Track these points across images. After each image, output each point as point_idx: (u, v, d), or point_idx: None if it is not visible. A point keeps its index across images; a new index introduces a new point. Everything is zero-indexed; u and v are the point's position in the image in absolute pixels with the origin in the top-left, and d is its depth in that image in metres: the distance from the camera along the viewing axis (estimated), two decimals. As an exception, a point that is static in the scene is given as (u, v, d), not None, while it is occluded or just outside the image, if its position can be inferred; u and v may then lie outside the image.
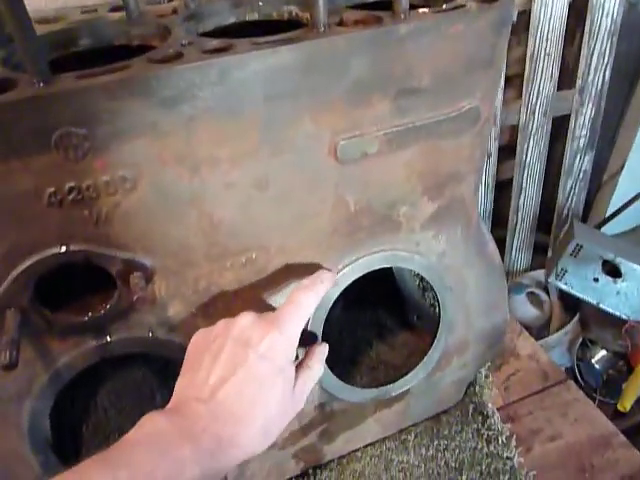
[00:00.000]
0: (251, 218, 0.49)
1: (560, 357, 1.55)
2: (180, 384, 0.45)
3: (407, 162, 0.53)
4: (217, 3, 0.54)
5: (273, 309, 0.47)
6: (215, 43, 0.42)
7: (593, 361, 1.49)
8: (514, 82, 1.41)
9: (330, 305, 0.59)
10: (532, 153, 1.48)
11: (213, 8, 0.53)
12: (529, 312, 1.65)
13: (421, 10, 0.47)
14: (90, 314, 0.48)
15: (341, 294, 0.62)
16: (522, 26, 1.31)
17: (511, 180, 1.52)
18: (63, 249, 0.43)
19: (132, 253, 0.46)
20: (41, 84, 0.37)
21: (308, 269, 0.55)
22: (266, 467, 0.68)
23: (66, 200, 0.41)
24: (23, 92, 0.36)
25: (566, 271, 1.47)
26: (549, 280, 1.56)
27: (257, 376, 0.42)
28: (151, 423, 0.40)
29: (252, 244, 0.51)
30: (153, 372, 0.81)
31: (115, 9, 0.54)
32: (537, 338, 1.55)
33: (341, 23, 0.46)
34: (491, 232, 1.67)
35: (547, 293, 1.66)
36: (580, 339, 1.53)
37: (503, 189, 1.58)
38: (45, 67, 0.37)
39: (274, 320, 0.45)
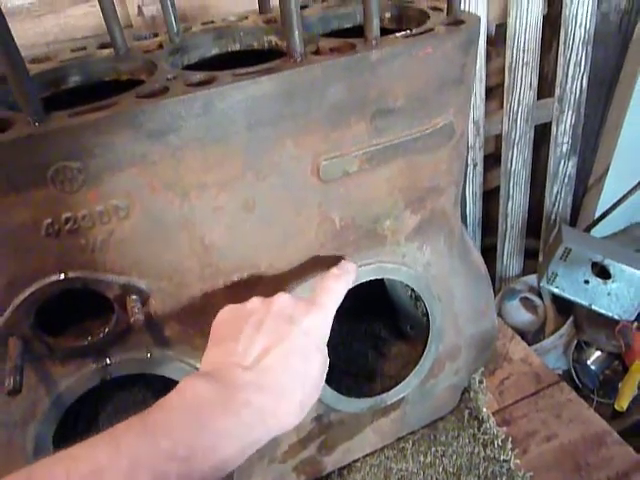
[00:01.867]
0: (240, 239, 0.51)
1: (556, 360, 1.56)
2: (215, 353, 0.44)
3: (388, 178, 0.55)
4: (200, 36, 0.57)
5: None
6: (199, 76, 0.44)
7: (589, 362, 1.50)
8: (495, 92, 1.45)
9: (322, 319, 0.61)
10: (517, 161, 1.51)
11: (196, 41, 0.56)
12: (524, 317, 1.67)
13: (392, 36, 0.50)
14: (90, 338, 0.50)
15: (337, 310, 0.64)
16: (500, 38, 1.35)
17: (498, 188, 1.56)
18: (62, 277, 0.45)
19: (128, 277, 0.48)
20: (36, 123, 0.39)
21: (296, 286, 0.58)
22: (267, 481, 0.69)
23: (63, 230, 0.43)
24: (19, 131, 0.39)
25: (557, 275, 1.50)
26: (541, 284, 1.58)
27: (301, 349, 0.42)
28: (192, 389, 0.38)
29: (243, 264, 0.53)
30: (153, 394, 0.82)
31: (103, 46, 0.56)
32: (533, 342, 1.57)
33: (317, 51, 0.49)
34: (482, 240, 1.70)
35: (540, 297, 1.68)
36: (575, 341, 1.54)
37: (491, 197, 1.61)
38: (39, 107, 0.39)
39: (313, 302, 0.47)
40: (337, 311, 0.65)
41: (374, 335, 0.90)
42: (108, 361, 0.53)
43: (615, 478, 0.74)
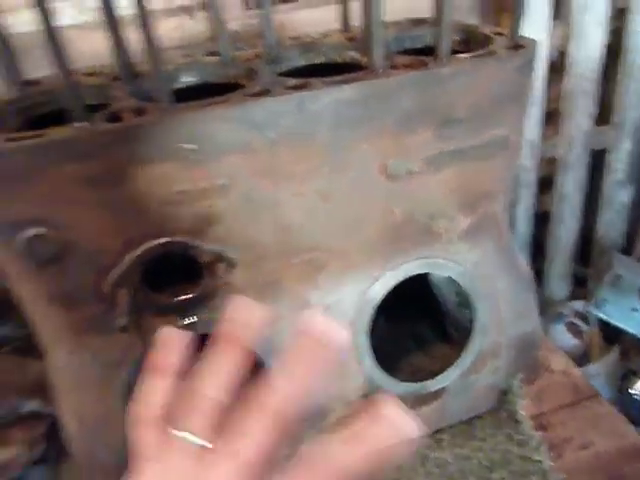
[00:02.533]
0: (315, 223, 0.60)
1: (600, 388, 1.55)
2: None
3: (446, 181, 0.62)
4: (291, 49, 0.67)
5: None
6: (294, 82, 0.53)
7: (634, 392, 1.49)
8: (554, 117, 1.49)
9: (376, 304, 0.68)
10: (570, 185, 1.54)
11: (288, 54, 0.65)
12: (569, 342, 1.67)
13: (459, 55, 0.57)
14: (181, 297, 0.59)
15: (383, 309, 0.71)
16: (561, 65, 1.40)
17: (550, 212, 1.58)
18: (167, 240, 0.54)
19: (219, 247, 0.57)
20: (165, 111, 0.49)
21: (359, 271, 0.65)
22: (314, 451, 0.76)
23: (175, 200, 0.52)
24: (153, 117, 0.49)
25: (605, 301, 1.50)
26: (588, 310, 1.58)
27: None
28: None
29: (314, 245, 0.61)
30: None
31: (211, 54, 0.67)
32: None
33: (393, 66, 0.57)
34: (530, 262, 1.71)
35: (587, 323, 1.68)
36: (621, 370, 1.53)
37: (543, 221, 1.64)
38: (170, 98, 0.49)
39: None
40: (383, 311, 0.72)
41: (419, 335, 0.96)
42: (193, 319, 0.61)
43: (648, 489, 0.76)
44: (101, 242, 0.53)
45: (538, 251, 1.70)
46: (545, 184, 1.59)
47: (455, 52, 0.59)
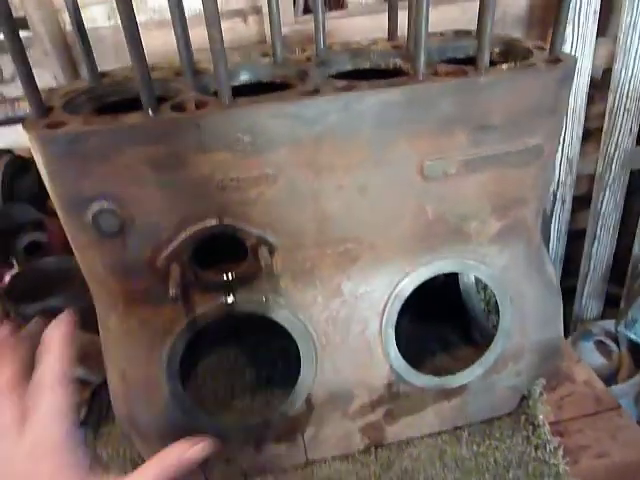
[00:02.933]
0: (352, 216, 0.64)
1: (628, 407, 1.54)
2: None
3: (479, 184, 0.66)
4: (340, 54, 0.71)
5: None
6: (343, 83, 0.58)
7: (661, 415, 1.47)
8: (595, 135, 1.49)
9: (405, 298, 0.72)
10: (608, 203, 1.53)
11: (337, 58, 0.70)
12: (597, 360, 1.66)
13: (498, 66, 0.61)
14: (226, 276, 0.65)
15: (409, 310, 0.74)
16: (605, 83, 1.41)
17: (585, 230, 1.58)
18: (218, 222, 0.60)
19: (263, 231, 0.62)
20: (227, 104, 0.54)
21: (390, 265, 0.69)
22: (337, 435, 0.80)
23: (228, 186, 0.58)
24: (214, 109, 0.54)
25: (636, 321, 1.49)
26: (618, 329, 1.57)
27: None
28: None
29: (349, 237, 0.66)
30: (244, 352, 0.97)
31: (265, 54, 0.72)
32: (603, 387, 1.56)
33: (435, 73, 0.61)
34: (562, 280, 1.71)
35: (617, 343, 1.67)
36: (648, 392, 1.52)
37: (578, 239, 1.64)
38: (230, 93, 0.55)
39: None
40: (409, 311, 0.74)
41: (444, 338, 0.98)
42: (234, 298, 0.66)
43: (663, 503, 0.77)
44: (159, 220, 0.59)
45: (571, 268, 1.69)
46: (581, 202, 1.59)
47: (495, 63, 0.62)
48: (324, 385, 0.73)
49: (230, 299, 0.66)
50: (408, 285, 0.71)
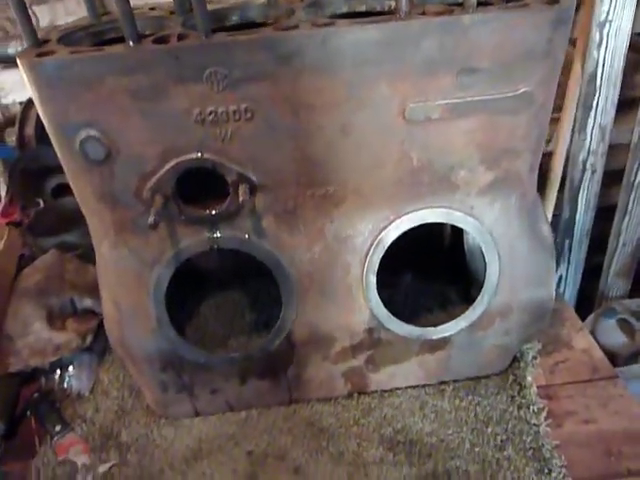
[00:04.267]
0: (333, 157, 0.64)
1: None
2: None
3: (466, 131, 0.64)
4: (336, -4, 0.71)
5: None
6: (323, 20, 0.58)
7: (679, 399, 1.41)
8: (635, 104, 1.40)
9: (387, 245, 0.72)
10: (642, 175, 1.45)
11: (332, 0, 0.70)
12: (618, 339, 1.60)
13: (488, 7, 0.59)
14: (208, 211, 0.67)
15: (411, 266, 0.73)
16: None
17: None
18: (199, 155, 0.62)
19: (243, 168, 0.63)
20: (204, 37, 0.56)
21: (374, 211, 0.69)
22: (320, 377, 0.82)
23: (206, 119, 0.59)
24: (193, 40, 0.56)
25: (663, 300, 1.43)
26: (644, 309, 1.51)
27: None
28: None
29: (331, 179, 0.66)
30: (246, 296, 1.00)
31: (261, -3, 0.72)
32: (622, 366, 1.51)
33: (423, 13, 0.60)
34: (589, 256, 1.63)
35: (642, 324, 1.60)
36: (669, 375, 1.46)
37: (607, 214, 1.56)
38: (208, 28, 0.56)
39: None
40: (411, 268, 0.73)
41: (444, 296, 0.98)
42: (218, 234, 0.69)
43: (645, 471, 0.76)
44: (142, 150, 0.61)
45: (599, 247, 1.63)
46: (615, 176, 1.51)
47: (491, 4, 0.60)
48: (305, 325, 0.75)
49: (214, 234, 0.69)
50: (392, 232, 0.71)
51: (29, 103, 1.40)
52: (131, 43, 0.56)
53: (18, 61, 0.56)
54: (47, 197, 1.27)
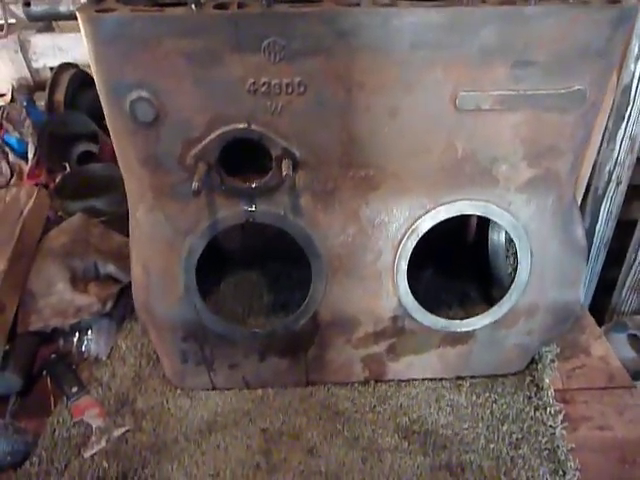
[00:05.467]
0: (377, 140, 0.64)
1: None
2: None
3: (513, 125, 0.64)
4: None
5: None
6: (385, 1, 0.58)
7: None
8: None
9: (422, 234, 0.72)
10: (667, 192, 1.45)
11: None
12: (627, 353, 1.60)
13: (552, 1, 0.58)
14: (249, 184, 0.67)
15: (433, 260, 0.72)
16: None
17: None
18: (247, 126, 0.62)
19: (289, 143, 0.63)
20: (266, 6, 0.55)
21: (412, 198, 0.69)
22: (339, 361, 0.83)
23: (259, 90, 0.59)
24: (255, 9, 0.55)
25: (677, 319, 1.42)
26: (656, 326, 1.51)
27: None
28: None
29: (373, 162, 0.66)
30: (266, 278, 1.00)
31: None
32: (630, 381, 1.51)
33: (484, 1, 0.59)
34: (605, 269, 1.61)
35: (652, 341, 1.60)
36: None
37: (629, 228, 1.56)
38: (270, -3, 0.56)
39: None
40: (432, 264, 0.73)
41: (464, 294, 0.98)
42: (255, 207, 0.69)
43: (659, 482, 0.76)
44: (191, 116, 0.61)
45: (615, 259, 1.62)
46: (636, 191, 1.50)
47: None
48: (331, 307, 0.76)
49: (251, 207, 0.69)
50: (427, 221, 0.71)
51: (60, 69, 1.40)
52: (193, 6, 0.55)
53: (78, 16, 0.56)
54: (73, 163, 1.28)
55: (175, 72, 0.58)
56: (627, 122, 1.32)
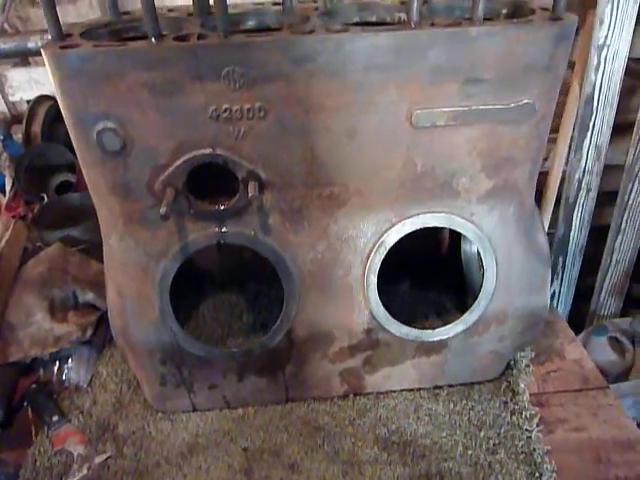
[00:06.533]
0: (339, 159, 0.67)
1: (631, 407, 1.50)
2: None
3: (469, 139, 0.67)
4: (346, 6, 0.74)
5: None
6: (337, 27, 0.61)
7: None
8: (629, 128, 1.45)
9: (390, 246, 0.74)
10: (636, 196, 1.49)
11: (343, 8, 0.72)
12: (609, 356, 1.62)
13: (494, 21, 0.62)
14: (217, 206, 0.69)
15: (409, 274, 0.74)
16: (645, 73, 1.36)
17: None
18: (211, 151, 0.64)
19: (254, 166, 0.66)
20: (224, 37, 0.58)
21: (377, 213, 0.71)
22: (317, 376, 0.84)
23: (221, 117, 0.62)
24: (213, 40, 0.58)
25: (654, 319, 1.45)
26: (636, 329, 1.54)
27: None
28: None
29: (336, 181, 0.69)
30: (245, 298, 1.01)
31: (276, 4, 0.75)
32: (611, 384, 1.53)
33: (432, 24, 0.63)
34: (581, 278, 1.65)
35: (633, 343, 1.63)
36: (658, 394, 1.48)
37: (603, 235, 1.59)
38: (228, 29, 0.58)
39: None
40: (409, 276, 0.75)
41: (440, 304, 1.00)
42: (225, 229, 0.71)
43: (634, 479, 0.77)
44: (157, 143, 0.63)
45: (594, 265, 1.66)
46: (610, 197, 1.55)
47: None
48: (305, 323, 0.77)
49: (221, 229, 0.71)
50: (394, 235, 0.73)
51: (37, 101, 1.42)
52: (153, 40, 0.58)
53: (42, 52, 0.58)
54: (51, 193, 1.29)
55: (139, 103, 0.60)
56: (592, 132, 1.37)
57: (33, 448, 0.82)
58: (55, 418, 0.85)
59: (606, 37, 1.25)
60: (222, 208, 0.69)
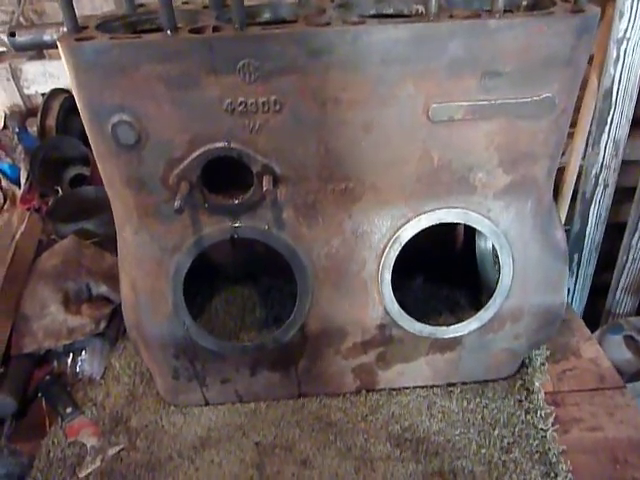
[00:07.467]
0: (355, 153, 0.66)
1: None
2: None
3: (487, 133, 0.66)
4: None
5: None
6: (354, 19, 0.60)
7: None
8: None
9: (405, 242, 0.73)
10: (654, 193, 1.46)
11: (360, 0, 0.71)
12: (623, 355, 1.60)
13: (515, 13, 0.60)
14: (232, 200, 0.68)
15: (423, 270, 0.73)
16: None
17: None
18: (226, 144, 0.63)
19: (268, 160, 0.65)
20: (239, 30, 0.57)
21: (392, 208, 0.71)
22: (330, 372, 0.83)
23: (236, 110, 0.61)
24: (228, 33, 0.57)
25: (671, 318, 1.43)
26: (651, 326, 1.51)
27: None
28: None
29: (351, 175, 0.68)
30: (258, 293, 1.01)
31: (292, -4, 0.74)
32: (627, 383, 1.51)
33: (451, 16, 0.61)
34: (597, 274, 1.62)
35: (649, 342, 1.60)
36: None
37: (620, 231, 1.57)
38: (244, 21, 0.57)
39: None
40: (423, 272, 0.74)
41: (454, 301, 0.99)
42: (239, 223, 0.70)
43: (650, 480, 0.76)
44: (171, 136, 0.63)
45: (608, 263, 1.63)
46: (628, 193, 1.52)
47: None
48: (318, 318, 0.77)
49: (235, 223, 0.70)
50: (409, 230, 0.73)
51: (51, 94, 1.43)
52: (169, 32, 0.57)
53: (58, 44, 0.58)
54: (65, 186, 1.30)
55: (154, 95, 0.60)
56: (610, 126, 1.34)
57: (47, 439, 0.83)
58: (69, 410, 0.86)
59: (626, 30, 1.23)
60: (236, 202, 0.68)
